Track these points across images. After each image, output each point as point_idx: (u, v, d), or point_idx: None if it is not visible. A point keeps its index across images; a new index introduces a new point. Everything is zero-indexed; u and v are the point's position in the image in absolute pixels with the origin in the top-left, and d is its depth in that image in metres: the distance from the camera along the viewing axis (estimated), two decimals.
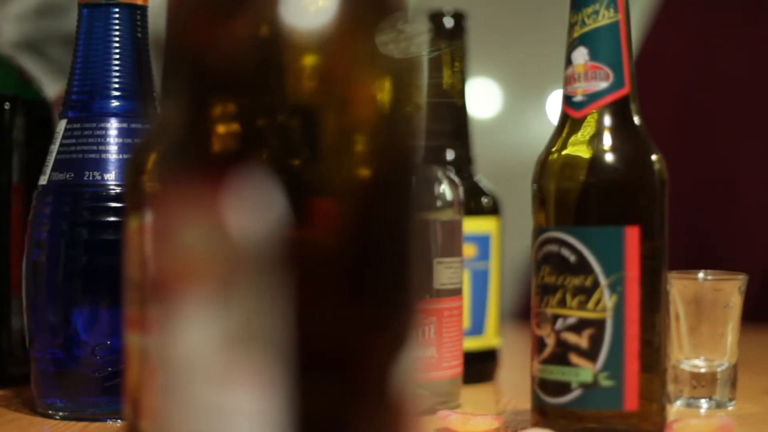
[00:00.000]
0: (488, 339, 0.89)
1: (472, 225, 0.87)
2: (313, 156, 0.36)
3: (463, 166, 0.89)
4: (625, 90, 0.67)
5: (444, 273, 0.77)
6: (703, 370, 0.79)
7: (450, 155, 0.89)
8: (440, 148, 0.89)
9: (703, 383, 0.79)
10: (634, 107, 0.67)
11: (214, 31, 0.35)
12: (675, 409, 0.79)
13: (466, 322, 0.88)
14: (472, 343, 0.88)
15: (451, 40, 0.90)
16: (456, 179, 0.79)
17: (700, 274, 0.80)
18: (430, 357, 0.76)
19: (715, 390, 0.79)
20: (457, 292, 0.78)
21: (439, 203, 0.78)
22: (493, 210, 0.89)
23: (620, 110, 0.67)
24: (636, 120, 0.67)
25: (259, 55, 0.35)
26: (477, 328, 0.88)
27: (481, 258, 0.88)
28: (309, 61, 0.36)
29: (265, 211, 0.35)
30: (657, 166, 0.67)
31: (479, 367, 0.88)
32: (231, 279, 0.35)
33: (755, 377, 0.92)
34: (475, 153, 0.92)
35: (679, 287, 0.80)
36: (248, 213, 0.35)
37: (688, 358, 0.80)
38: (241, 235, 0.35)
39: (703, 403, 0.79)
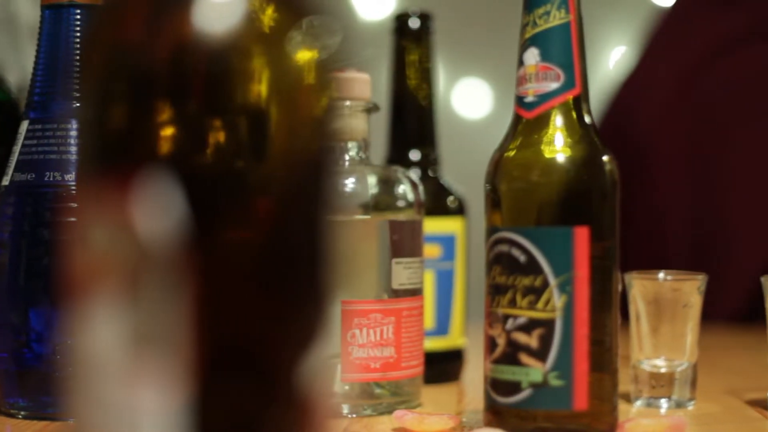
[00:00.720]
0: (453, 339, 0.89)
1: (437, 225, 0.88)
2: (217, 157, 0.36)
3: (429, 166, 0.90)
4: (576, 90, 0.67)
5: (403, 273, 0.77)
6: (663, 370, 0.80)
7: (416, 156, 0.90)
8: (406, 148, 0.90)
9: (662, 383, 0.79)
10: (586, 107, 0.68)
11: (121, 33, 0.36)
12: (635, 409, 0.79)
13: (431, 322, 0.88)
14: (437, 343, 0.88)
15: (417, 41, 0.90)
16: (416, 180, 0.80)
17: (660, 274, 0.80)
18: (389, 357, 0.76)
19: (673, 390, 0.79)
20: (416, 292, 0.78)
21: (398, 203, 0.78)
22: (459, 210, 0.90)
23: (571, 111, 0.67)
24: (587, 120, 0.67)
25: (162, 58, 0.35)
26: (442, 328, 0.88)
27: (446, 258, 0.88)
28: (215, 64, 0.37)
29: (168, 212, 0.35)
30: (608, 167, 0.67)
31: (444, 366, 0.88)
32: (137, 279, 0.35)
33: (719, 377, 0.92)
34: (441, 153, 0.92)
35: (639, 287, 0.80)
36: (152, 213, 0.35)
37: (649, 358, 0.80)
38: (146, 235, 0.35)
39: (663, 403, 0.79)
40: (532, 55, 0.67)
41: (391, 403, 0.77)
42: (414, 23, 0.90)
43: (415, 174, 0.89)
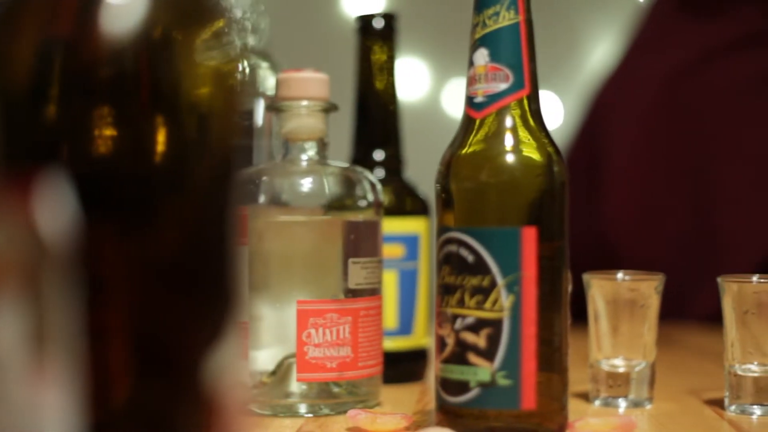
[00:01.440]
0: (417, 338, 0.89)
1: (400, 225, 0.88)
2: (113, 158, 0.36)
3: (393, 166, 0.90)
4: (525, 91, 0.67)
5: (360, 273, 0.77)
6: (620, 370, 0.80)
7: (380, 156, 0.90)
8: (370, 148, 0.90)
9: (619, 383, 0.79)
10: (536, 107, 0.68)
11: (16, 35, 0.36)
12: (593, 408, 0.79)
13: (395, 322, 0.88)
14: (401, 343, 0.89)
15: (381, 40, 0.90)
16: (375, 180, 0.80)
17: (619, 275, 0.80)
18: (346, 357, 0.76)
19: (631, 389, 0.79)
20: (374, 292, 0.78)
21: (356, 203, 0.78)
22: (422, 210, 0.90)
23: (521, 111, 0.67)
24: (537, 120, 0.68)
25: (54, 59, 0.36)
26: (405, 328, 0.89)
27: (410, 258, 0.89)
28: (114, 65, 0.37)
29: (67, 211, 0.35)
30: (556, 168, 0.67)
31: (408, 366, 0.88)
32: (37, 278, 0.36)
33: (683, 376, 0.92)
34: (405, 153, 0.92)
35: (597, 287, 0.80)
36: (52, 212, 0.35)
37: (608, 358, 0.80)
38: (43, 234, 0.35)
39: (621, 403, 0.79)
40: (482, 56, 0.67)
41: (349, 402, 0.77)
42: (378, 23, 0.90)
43: (379, 174, 0.89)
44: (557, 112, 2.00)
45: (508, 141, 0.67)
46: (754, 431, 0.73)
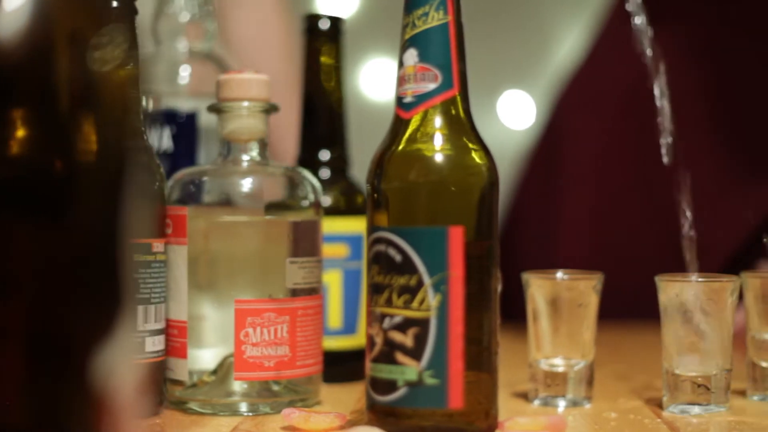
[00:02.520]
0: (361, 338, 0.90)
1: (345, 225, 0.88)
2: (14, 159, 0.37)
3: (339, 167, 0.90)
4: (453, 91, 0.67)
5: (298, 272, 0.77)
6: (560, 369, 0.80)
7: (325, 156, 0.90)
8: (316, 148, 0.90)
9: (558, 382, 0.80)
10: (465, 107, 0.68)
11: None
12: (533, 407, 0.79)
13: (339, 321, 0.89)
14: (345, 342, 0.89)
15: (327, 42, 0.90)
16: (315, 180, 0.80)
17: (558, 274, 0.81)
18: (284, 356, 0.77)
19: (569, 389, 0.80)
20: (313, 291, 0.78)
21: (296, 203, 0.79)
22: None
23: (449, 111, 0.67)
24: (466, 120, 0.68)
25: None
26: (350, 327, 0.89)
27: (354, 258, 0.89)
28: (7, 69, 0.37)
29: None
30: (485, 168, 0.67)
31: (352, 365, 0.88)
32: None
33: (625, 375, 0.93)
34: (351, 153, 0.92)
35: (535, 287, 0.81)
36: None
37: (547, 357, 0.80)
38: None
39: (560, 402, 0.80)
40: (411, 56, 0.68)
41: (289, 401, 0.77)
42: (324, 24, 0.90)
43: (324, 174, 0.89)
44: (529, 111, 2.00)
45: (436, 141, 0.67)
46: (687, 430, 0.73)
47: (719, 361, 0.77)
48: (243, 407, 0.77)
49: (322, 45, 0.90)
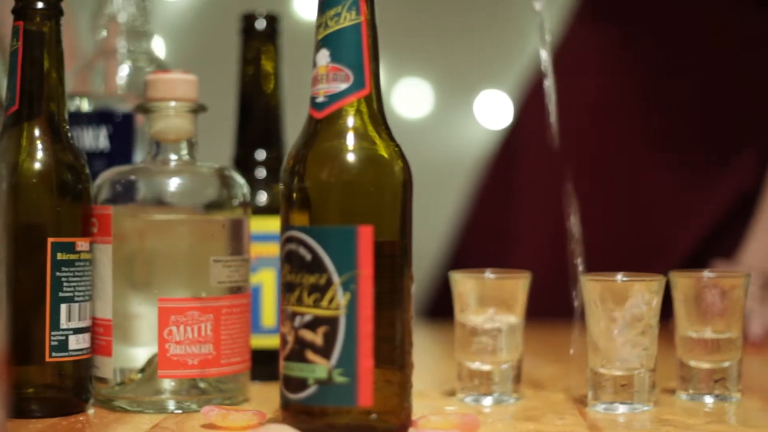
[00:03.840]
0: None
1: (279, 224, 0.88)
2: None
3: (275, 166, 0.90)
4: (365, 91, 0.68)
5: (222, 271, 0.78)
6: (486, 368, 0.80)
7: (261, 156, 0.90)
8: (252, 148, 0.91)
9: (484, 381, 0.80)
10: (378, 107, 0.68)
11: None
12: (462, 405, 0.80)
13: (273, 319, 0.89)
14: (279, 341, 0.89)
15: (263, 41, 0.91)
16: (242, 180, 0.81)
17: (486, 273, 0.81)
18: (208, 354, 0.77)
19: (495, 386, 0.80)
20: (238, 290, 0.79)
21: (221, 203, 0.79)
22: None
23: (361, 111, 0.68)
24: (379, 121, 0.68)
25: None
26: None
27: None
28: None
29: None
30: (396, 167, 0.68)
31: None
32: None
33: (561, 372, 0.93)
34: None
35: (467, 286, 0.81)
36: None
37: (474, 356, 0.81)
38: None
39: (487, 400, 0.80)
40: (323, 57, 0.68)
41: (216, 398, 0.78)
42: (260, 24, 0.90)
43: (260, 174, 0.90)
44: (507, 111, 2.00)
45: (347, 140, 0.67)
46: (607, 428, 0.73)
47: (642, 361, 0.77)
48: (171, 405, 0.77)
49: (259, 45, 0.90)
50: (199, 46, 1.74)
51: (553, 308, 1.22)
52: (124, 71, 0.91)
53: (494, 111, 2.03)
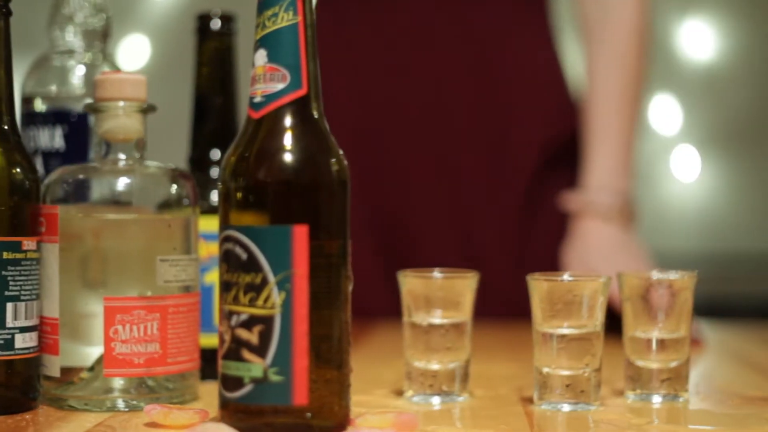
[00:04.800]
0: None
1: None
2: None
3: None
4: (302, 91, 0.68)
5: (169, 270, 0.78)
6: (435, 367, 0.81)
7: (216, 155, 0.91)
8: (207, 148, 0.91)
9: (432, 380, 0.80)
10: (315, 107, 0.68)
11: None
12: (410, 403, 0.80)
13: None
14: None
15: (218, 41, 0.91)
16: (191, 179, 0.81)
17: (434, 272, 0.81)
18: (154, 353, 0.78)
19: (443, 385, 0.80)
20: (185, 289, 0.79)
21: (169, 202, 0.79)
22: None
23: (298, 111, 0.68)
24: (316, 121, 0.68)
25: None
26: None
27: None
28: None
29: None
30: (334, 167, 0.68)
31: None
32: None
33: (516, 373, 0.93)
34: None
35: (410, 285, 0.81)
36: None
37: (422, 355, 0.81)
38: None
39: (435, 399, 0.80)
40: (261, 57, 0.68)
41: (165, 397, 0.78)
42: (215, 24, 0.91)
43: (215, 173, 0.90)
44: None
45: (283, 141, 0.67)
46: (550, 427, 0.73)
47: (588, 361, 0.78)
48: (119, 403, 0.78)
49: (214, 45, 0.91)
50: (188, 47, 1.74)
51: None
52: (80, 71, 0.91)
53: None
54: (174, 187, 0.80)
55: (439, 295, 0.81)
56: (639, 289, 0.81)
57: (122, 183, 0.79)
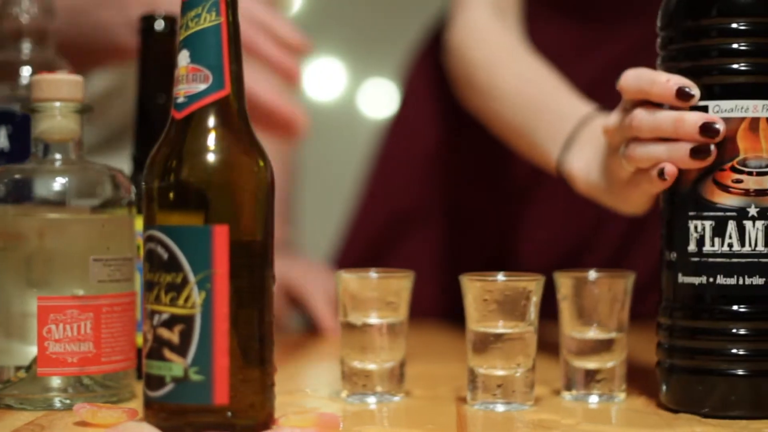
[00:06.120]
0: None
1: None
2: None
3: None
4: (224, 92, 0.68)
5: (102, 270, 0.78)
6: (371, 367, 0.81)
7: None
8: (150, 147, 0.91)
9: (366, 380, 0.81)
10: (238, 108, 0.69)
11: None
12: (346, 404, 0.80)
13: None
14: None
15: (162, 42, 0.91)
16: (128, 179, 0.81)
17: (371, 272, 0.81)
18: (88, 352, 0.78)
19: (377, 386, 0.81)
20: (120, 288, 0.79)
21: (104, 201, 0.80)
22: None
23: (220, 112, 0.68)
24: (238, 121, 0.69)
25: None
26: None
27: None
28: None
29: None
30: (254, 168, 0.68)
31: None
32: None
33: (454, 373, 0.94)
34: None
35: (345, 284, 0.81)
36: None
37: (356, 354, 0.81)
38: None
39: (371, 399, 0.81)
40: (184, 57, 0.69)
41: (103, 396, 0.79)
42: (159, 25, 0.91)
43: None
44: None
45: (204, 141, 0.68)
46: (482, 427, 0.74)
47: (520, 361, 0.78)
48: (56, 402, 0.78)
49: (158, 45, 0.91)
50: None
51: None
52: (25, 71, 0.91)
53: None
54: (110, 188, 0.80)
55: (375, 295, 0.81)
56: (574, 289, 0.81)
57: (57, 183, 0.79)
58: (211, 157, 0.67)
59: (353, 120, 2.13)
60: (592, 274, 0.82)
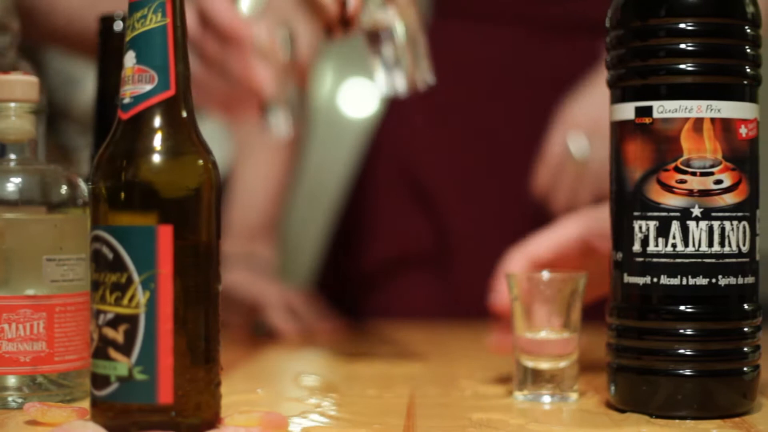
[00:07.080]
0: None
1: None
2: None
3: None
4: (170, 92, 0.69)
5: (56, 270, 0.79)
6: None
7: None
8: None
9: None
10: (184, 108, 0.69)
11: None
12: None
13: None
14: None
15: (121, 43, 0.91)
16: (81, 179, 0.82)
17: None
18: (41, 351, 0.78)
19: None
20: (73, 288, 0.80)
21: (57, 201, 0.80)
22: None
23: (166, 112, 0.68)
24: (185, 122, 0.69)
25: None
26: None
27: None
28: None
29: None
30: (200, 169, 0.69)
31: None
32: None
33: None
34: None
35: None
36: None
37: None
38: None
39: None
40: (130, 58, 0.69)
41: (59, 395, 0.80)
42: (118, 26, 0.91)
43: None
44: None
45: (149, 141, 0.68)
46: (421, 428, 0.74)
47: None
48: (10, 401, 0.78)
49: (117, 46, 0.91)
50: None
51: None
52: None
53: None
54: (64, 188, 0.81)
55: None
56: (526, 289, 0.82)
57: (11, 183, 0.80)
58: (156, 158, 0.68)
59: (334, 119, 2.13)
60: (545, 275, 0.82)
